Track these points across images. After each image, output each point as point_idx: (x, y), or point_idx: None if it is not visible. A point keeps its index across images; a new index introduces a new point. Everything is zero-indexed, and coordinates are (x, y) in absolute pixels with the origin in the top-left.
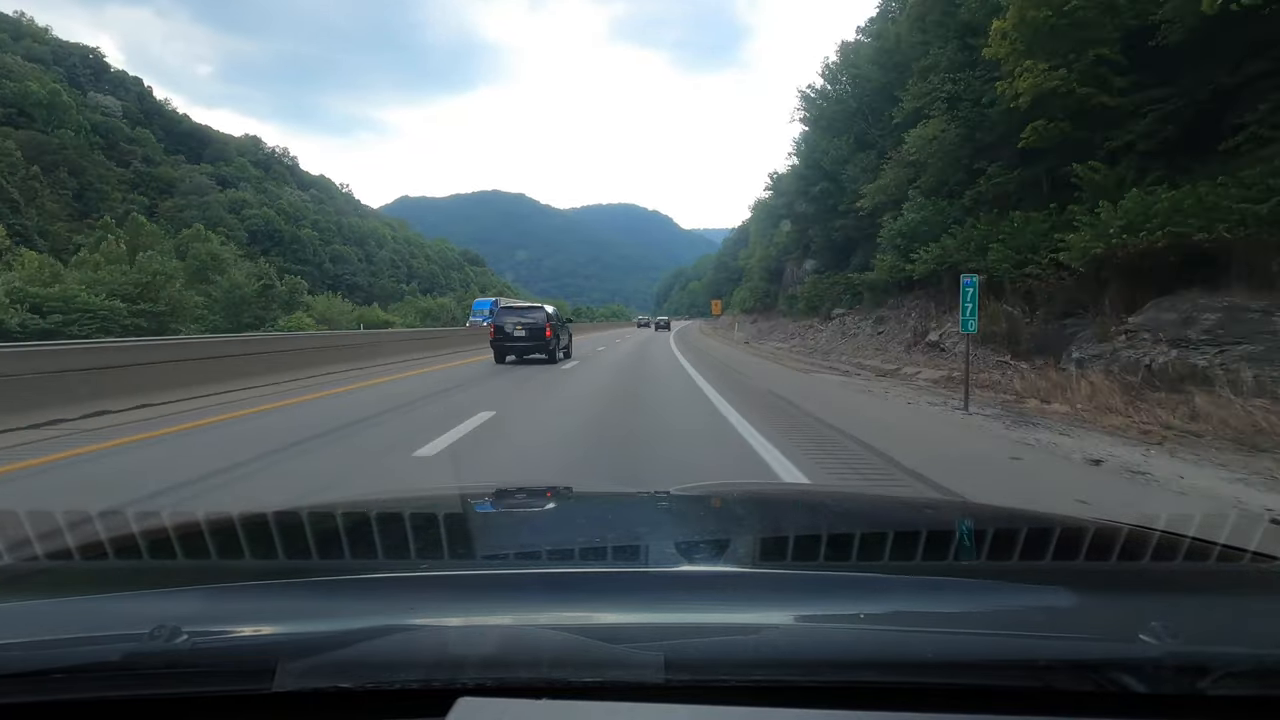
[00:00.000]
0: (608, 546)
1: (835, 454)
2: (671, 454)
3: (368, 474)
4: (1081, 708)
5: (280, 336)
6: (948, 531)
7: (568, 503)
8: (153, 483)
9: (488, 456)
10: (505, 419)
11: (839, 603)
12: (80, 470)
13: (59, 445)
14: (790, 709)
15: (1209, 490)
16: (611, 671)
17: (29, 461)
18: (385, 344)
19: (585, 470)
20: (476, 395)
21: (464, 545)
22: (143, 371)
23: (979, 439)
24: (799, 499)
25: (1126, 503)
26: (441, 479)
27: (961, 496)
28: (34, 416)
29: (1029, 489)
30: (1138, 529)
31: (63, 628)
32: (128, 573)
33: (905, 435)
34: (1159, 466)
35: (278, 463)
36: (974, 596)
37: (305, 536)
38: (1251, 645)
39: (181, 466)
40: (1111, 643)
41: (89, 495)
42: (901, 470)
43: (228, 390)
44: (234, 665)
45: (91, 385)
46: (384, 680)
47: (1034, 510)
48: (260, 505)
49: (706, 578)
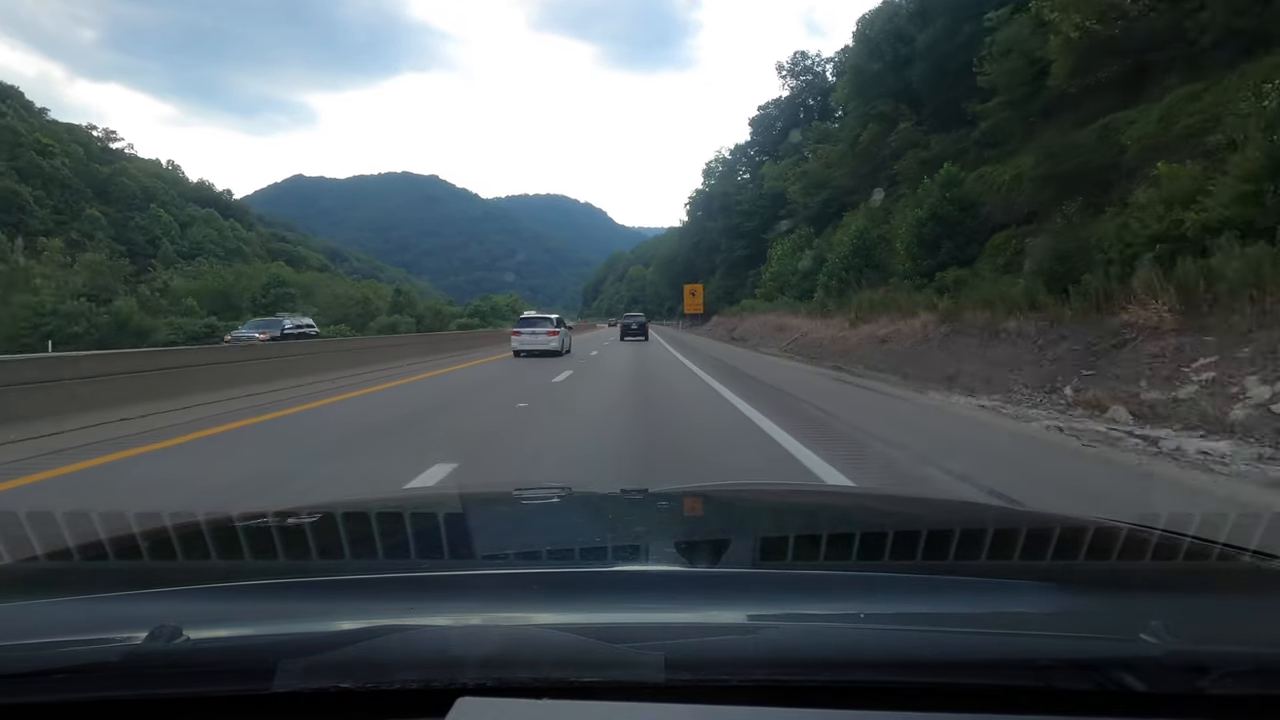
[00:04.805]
0: (608, 546)
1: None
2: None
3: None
4: (1081, 707)
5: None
6: (948, 531)
7: (567, 502)
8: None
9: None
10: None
11: (839, 603)
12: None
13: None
14: (790, 709)
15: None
16: (612, 671)
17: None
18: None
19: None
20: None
21: (464, 545)
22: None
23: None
24: (800, 499)
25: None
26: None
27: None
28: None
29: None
30: (1138, 528)
31: (63, 628)
32: (128, 573)
33: None
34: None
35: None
36: (974, 596)
37: (305, 537)
38: (1252, 644)
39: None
40: (1112, 642)
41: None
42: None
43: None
44: (234, 666)
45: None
46: (384, 680)
47: (1034, 510)
48: (260, 506)
49: (707, 577)
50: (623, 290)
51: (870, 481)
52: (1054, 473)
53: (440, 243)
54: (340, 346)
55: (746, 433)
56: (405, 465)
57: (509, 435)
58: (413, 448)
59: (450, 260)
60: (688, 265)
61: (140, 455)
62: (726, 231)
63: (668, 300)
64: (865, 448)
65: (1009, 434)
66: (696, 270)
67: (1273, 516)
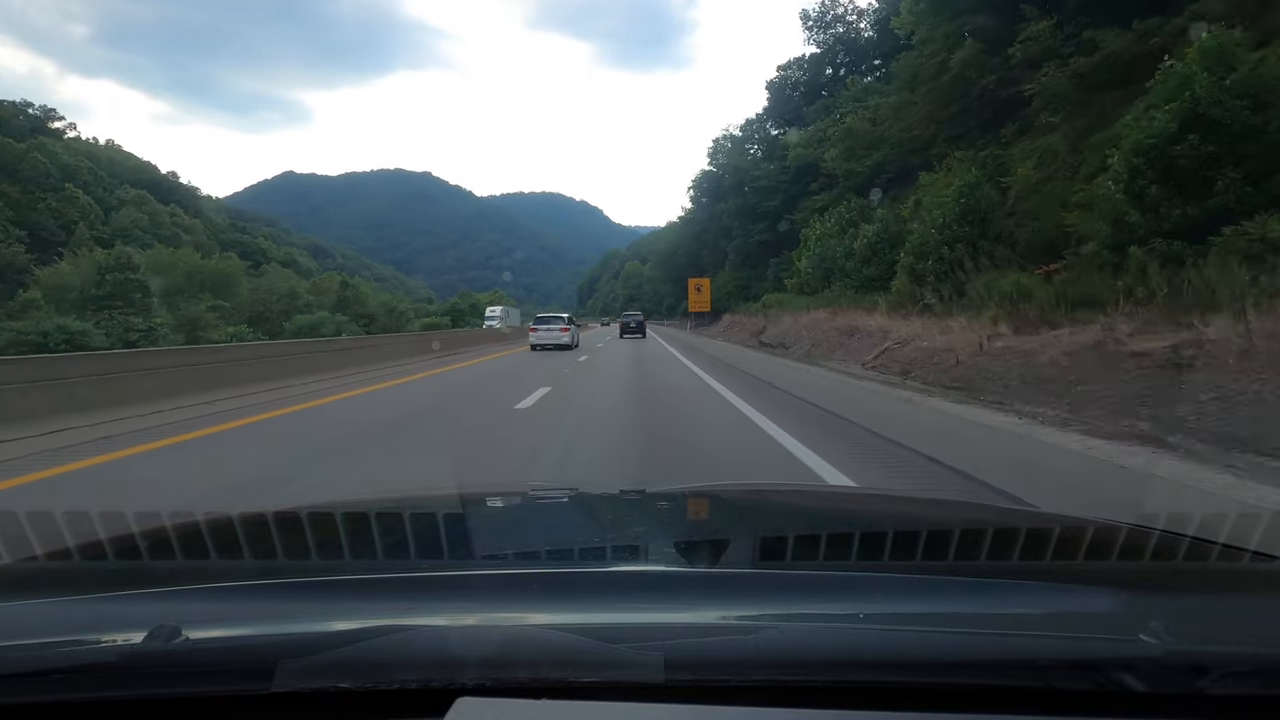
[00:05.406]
0: (607, 546)
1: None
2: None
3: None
4: (1081, 707)
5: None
6: (948, 531)
7: (567, 503)
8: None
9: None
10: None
11: (839, 603)
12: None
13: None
14: (790, 709)
15: None
16: (611, 671)
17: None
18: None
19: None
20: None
21: (463, 545)
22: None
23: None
24: (799, 499)
25: None
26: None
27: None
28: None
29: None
30: (1138, 528)
31: (63, 628)
32: (128, 573)
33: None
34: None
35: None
36: (974, 596)
37: (305, 537)
38: (1251, 644)
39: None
40: (1112, 642)
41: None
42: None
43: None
44: (233, 665)
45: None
46: (383, 680)
47: (1034, 510)
48: (260, 506)
49: (707, 578)
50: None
51: None
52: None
53: (433, 241)
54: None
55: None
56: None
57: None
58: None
59: (443, 258)
60: (691, 258)
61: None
62: (740, 214)
63: (667, 298)
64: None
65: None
66: (701, 264)
67: (1273, 516)
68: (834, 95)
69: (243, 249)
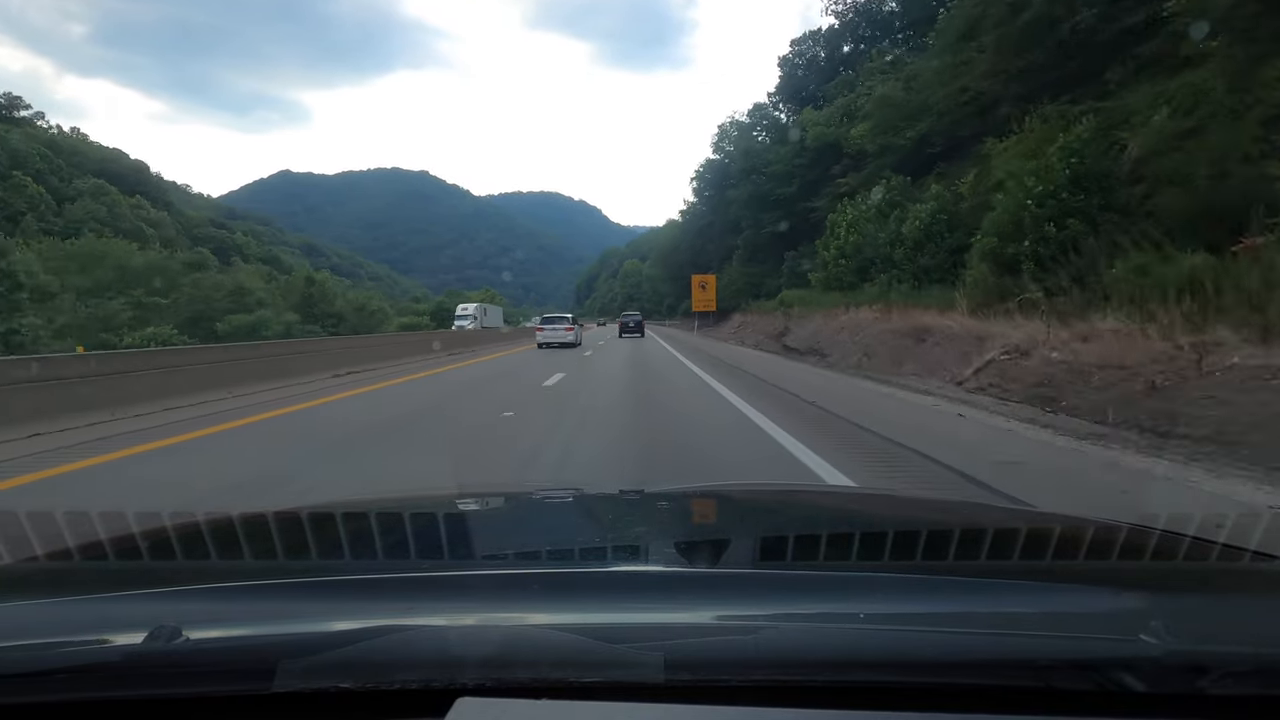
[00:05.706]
0: (608, 546)
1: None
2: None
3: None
4: (1081, 707)
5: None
6: (947, 531)
7: (567, 503)
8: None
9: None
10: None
11: (839, 603)
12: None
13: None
14: (790, 709)
15: None
16: (612, 671)
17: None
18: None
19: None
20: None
21: (463, 545)
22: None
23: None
24: (799, 499)
25: None
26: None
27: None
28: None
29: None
30: (1138, 528)
31: (63, 628)
32: (128, 573)
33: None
34: None
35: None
36: (974, 596)
37: (305, 537)
38: (1252, 644)
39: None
40: (1112, 642)
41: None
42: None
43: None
44: (234, 666)
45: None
46: (384, 680)
47: (1034, 510)
48: (260, 506)
49: (707, 578)
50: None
51: None
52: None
53: (430, 240)
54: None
55: None
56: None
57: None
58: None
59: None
60: (694, 255)
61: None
62: (750, 203)
63: (667, 297)
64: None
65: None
66: (705, 260)
67: (1272, 516)
68: (855, 69)
69: (218, 245)
